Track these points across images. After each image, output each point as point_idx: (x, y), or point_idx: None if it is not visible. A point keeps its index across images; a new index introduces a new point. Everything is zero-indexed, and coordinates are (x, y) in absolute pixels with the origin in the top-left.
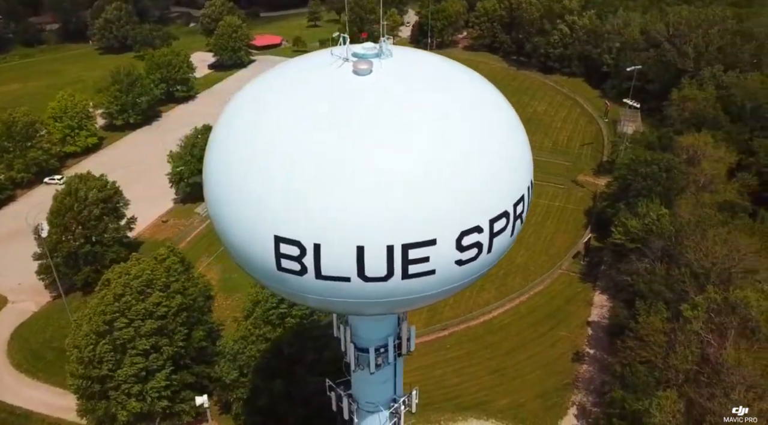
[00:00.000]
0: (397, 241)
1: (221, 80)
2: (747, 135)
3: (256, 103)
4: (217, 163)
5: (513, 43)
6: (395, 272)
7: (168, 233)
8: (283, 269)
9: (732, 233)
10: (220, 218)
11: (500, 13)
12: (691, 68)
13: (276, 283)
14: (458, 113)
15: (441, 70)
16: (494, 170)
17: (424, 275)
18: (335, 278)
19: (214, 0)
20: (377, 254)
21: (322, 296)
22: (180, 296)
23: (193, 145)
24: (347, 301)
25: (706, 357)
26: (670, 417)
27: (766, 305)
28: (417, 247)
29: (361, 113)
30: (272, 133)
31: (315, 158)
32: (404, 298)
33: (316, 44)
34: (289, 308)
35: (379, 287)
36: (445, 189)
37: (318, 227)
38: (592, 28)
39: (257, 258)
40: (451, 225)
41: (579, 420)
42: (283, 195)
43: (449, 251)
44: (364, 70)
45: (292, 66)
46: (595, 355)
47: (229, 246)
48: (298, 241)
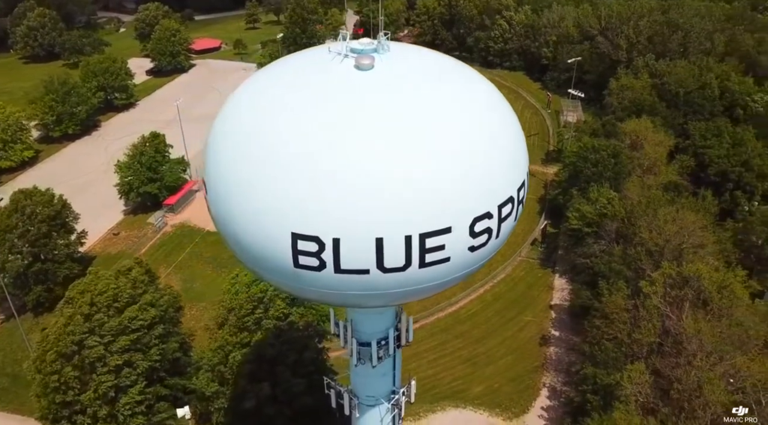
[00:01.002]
0: (415, 231)
1: (162, 86)
2: (681, 119)
3: (260, 100)
4: (225, 162)
5: (454, 40)
6: (413, 262)
7: (121, 246)
8: (300, 266)
9: (680, 211)
10: (230, 219)
11: (440, 10)
12: (624, 59)
13: (291, 281)
14: (462, 104)
15: (440, 65)
16: (500, 158)
17: (440, 262)
18: (354, 271)
19: (147, 4)
20: (396, 245)
21: (339, 290)
22: (153, 309)
23: (141, 153)
24: (364, 293)
25: (667, 330)
26: (640, 388)
27: (716, 277)
28: (433, 235)
29: (372, 107)
30: (284, 129)
31: (331, 153)
32: (420, 286)
33: (257, 47)
34: (265, 312)
35: (397, 277)
36: (458, 178)
37: (337, 222)
38: (529, 23)
39: (272, 257)
40: (464, 213)
41: (551, 399)
42: (301, 191)
43: (463, 238)
44: (366, 65)
45: (291, 62)
46: (561, 336)
47: (239, 248)
48: (316, 237)
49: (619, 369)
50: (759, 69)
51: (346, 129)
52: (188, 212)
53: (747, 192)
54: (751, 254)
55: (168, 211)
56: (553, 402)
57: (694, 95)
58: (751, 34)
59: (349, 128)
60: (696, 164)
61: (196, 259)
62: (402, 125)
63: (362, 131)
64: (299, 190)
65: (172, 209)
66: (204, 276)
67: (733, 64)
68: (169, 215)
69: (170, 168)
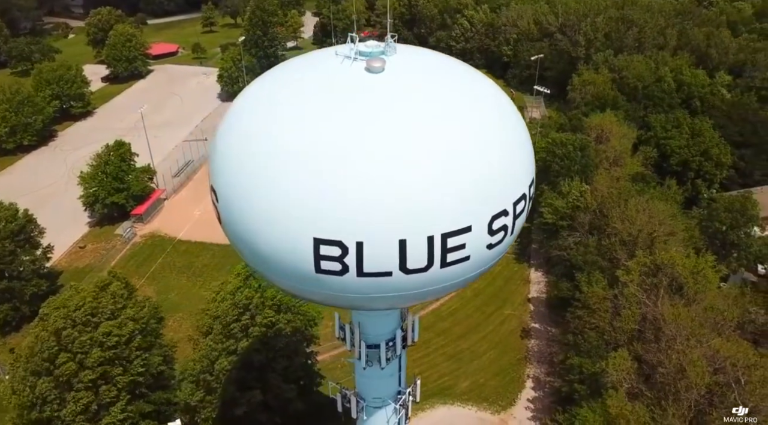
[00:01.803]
0: (437, 231)
1: (119, 93)
2: (642, 112)
3: (274, 105)
4: (239, 170)
5: (416, 39)
6: (435, 262)
7: (88, 260)
8: (322, 271)
9: (649, 201)
10: (246, 227)
11: (401, 10)
12: (583, 55)
13: (311, 286)
14: (473, 104)
15: (447, 65)
16: (512, 156)
17: (460, 261)
18: (377, 274)
19: (99, 9)
20: (419, 246)
21: (360, 294)
22: (132, 323)
23: (106, 163)
24: (385, 295)
25: (645, 316)
26: (625, 374)
27: (688, 263)
28: (455, 235)
29: (388, 110)
30: (302, 135)
31: (352, 157)
32: (439, 286)
33: (217, 50)
34: (251, 319)
35: (419, 278)
36: (477, 177)
37: (360, 225)
38: (489, 21)
39: (292, 263)
40: (483, 211)
41: (536, 390)
42: (324, 196)
43: (482, 236)
44: (377, 68)
45: (298, 66)
46: (540, 328)
47: (256, 255)
48: (339, 241)
49: (602, 357)
50: (709, 61)
51: (366, 132)
52: (158, 222)
53: (706, 180)
54: (716, 240)
55: (136, 221)
56: (538, 393)
57: (652, 89)
58: (699, 28)
59: (368, 131)
60: (658, 155)
61: (169, 269)
62: (420, 127)
63: (382, 133)
64: (322, 195)
65: (141, 219)
66: (179, 286)
67: (685, 58)
68: (138, 225)
69: (137, 177)
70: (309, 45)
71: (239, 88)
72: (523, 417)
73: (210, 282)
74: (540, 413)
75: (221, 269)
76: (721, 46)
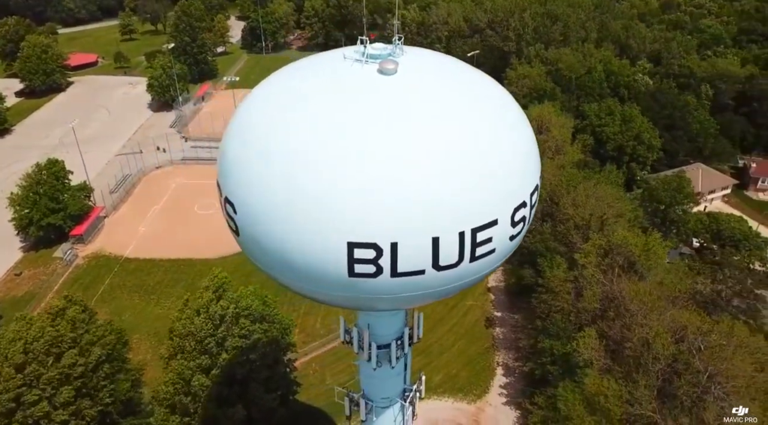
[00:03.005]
0: (468, 226)
1: (39, 108)
2: (575, 102)
3: (289, 114)
4: (262, 183)
5: (348, 41)
6: (465, 257)
7: (27, 286)
8: (355, 275)
9: (596, 185)
10: (271, 238)
11: (330, 11)
12: (514, 50)
13: (342, 291)
14: (485, 103)
15: (453, 65)
16: (527, 150)
17: (487, 255)
18: (410, 273)
19: (5, 19)
20: (451, 243)
21: (393, 294)
22: (98, 349)
23: (38, 183)
24: (416, 294)
25: (605, 295)
26: (594, 352)
27: (639, 242)
28: (483, 229)
29: (410, 110)
30: (328, 141)
31: (384, 158)
32: (465, 281)
33: (141, 58)
34: (227, 331)
35: (450, 274)
36: (501, 172)
37: (395, 226)
38: (420, 20)
39: (324, 270)
40: (507, 204)
41: (507, 376)
42: (357, 200)
43: (506, 229)
44: (390, 70)
45: (308, 68)
46: (503, 316)
47: (281, 266)
48: (374, 243)
49: (570, 339)
50: (629, 51)
51: (394, 134)
52: (100, 241)
53: (640, 163)
54: (656, 218)
55: (77, 242)
56: (509, 379)
57: (584, 79)
58: (616, 20)
59: (396, 132)
60: (595, 142)
61: (119, 289)
62: (444, 126)
63: (410, 134)
64: (355, 199)
65: (81, 240)
66: (132, 306)
67: (609, 49)
68: (79, 246)
69: (73, 196)
70: (237, 50)
71: (171, 97)
72: (498, 403)
73: (165, 300)
74: (514, 397)
75: (175, 285)
76: (638, 36)
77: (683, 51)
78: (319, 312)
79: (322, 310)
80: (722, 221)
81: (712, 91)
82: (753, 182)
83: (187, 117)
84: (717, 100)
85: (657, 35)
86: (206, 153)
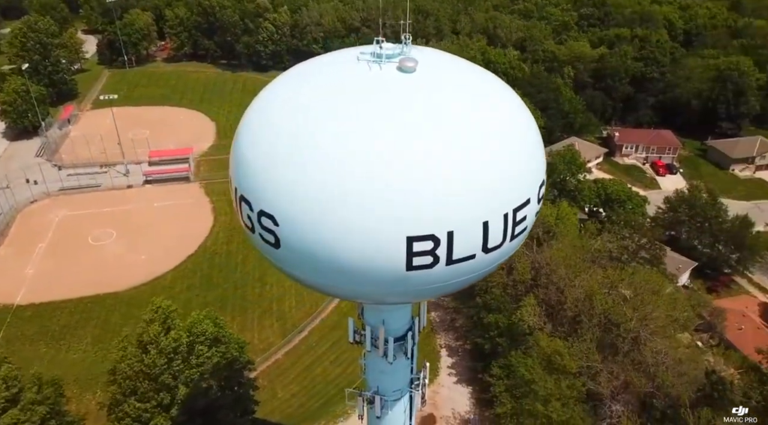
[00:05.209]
0: (510, 208)
1: None
2: None
3: (314, 113)
4: (312, 187)
5: (219, 48)
6: (507, 237)
7: None
8: (413, 268)
9: None
10: (322, 245)
11: (196, 19)
12: None
13: (395, 287)
14: (502, 94)
15: (461, 61)
16: (537, 138)
17: (521, 233)
18: (463, 259)
19: None
20: (498, 225)
21: (444, 282)
22: (39, 407)
23: None
24: (464, 278)
25: (533, 265)
26: (536, 318)
27: (553, 211)
28: (520, 209)
29: (442, 104)
30: (373, 139)
31: (431, 149)
32: (502, 261)
33: None
34: (184, 362)
35: (494, 255)
36: (528, 156)
37: (451, 215)
38: (293, 23)
39: (380, 268)
40: (535, 183)
41: (452, 356)
42: (414, 194)
43: (534, 206)
44: (410, 68)
45: (322, 70)
46: (435, 301)
47: (330, 272)
48: (432, 235)
49: (511, 311)
50: (498, 41)
51: (435, 125)
52: None
53: None
54: (555, 189)
55: None
56: (455, 359)
57: None
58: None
59: (437, 124)
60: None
61: (18, 341)
62: (476, 114)
63: (450, 124)
64: (413, 192)
65: None
66: (39, 357)
67: (482, 40)
68: None
69: None
70: (95, 66)
71: (31, 122)
72: (450, 383)
73: (78, 344)
74: (463, 375)
75: (85, 326)
76: (504, 26)
77: (543, 38)
78: (254, 327)
79: (256, 325)
80: (608, 186)
81: (573, 71)
82: (618, 148)
83: (56, 143)
84: (577, 79)
85: (520, 24)
86: (89, 180)
